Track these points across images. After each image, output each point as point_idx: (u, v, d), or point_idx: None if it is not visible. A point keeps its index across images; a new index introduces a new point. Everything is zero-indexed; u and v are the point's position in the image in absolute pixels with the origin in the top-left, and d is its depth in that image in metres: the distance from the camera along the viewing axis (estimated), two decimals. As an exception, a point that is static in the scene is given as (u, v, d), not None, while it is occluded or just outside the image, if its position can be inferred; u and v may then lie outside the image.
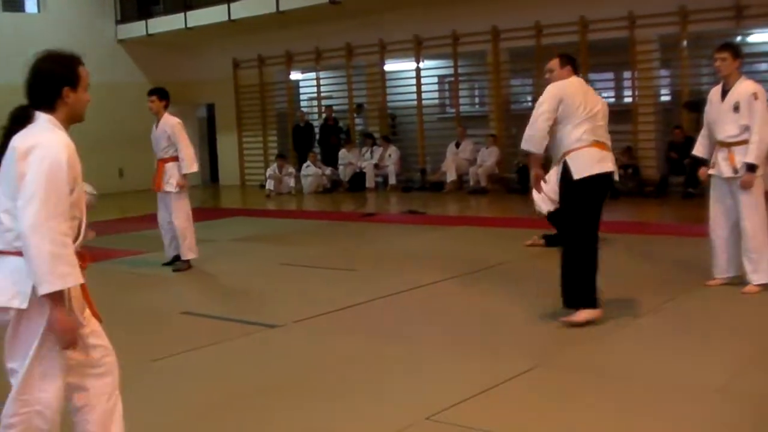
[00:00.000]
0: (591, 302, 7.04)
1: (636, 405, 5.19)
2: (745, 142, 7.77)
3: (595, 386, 5.60)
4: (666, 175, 16.52)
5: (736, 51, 8.00)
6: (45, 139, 3.65)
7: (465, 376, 5.88)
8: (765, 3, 14.14)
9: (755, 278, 7.88)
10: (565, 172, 7.05)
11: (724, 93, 7.93)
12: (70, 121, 3.87)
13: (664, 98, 18.52)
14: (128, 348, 7.18)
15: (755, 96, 7.74)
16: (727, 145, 7.86)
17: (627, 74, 18.20)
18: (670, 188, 16.43)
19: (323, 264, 10.72)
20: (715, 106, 8.02)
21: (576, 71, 7.49)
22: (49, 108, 3.78)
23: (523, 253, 10.89)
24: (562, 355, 6.36)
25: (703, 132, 8.28)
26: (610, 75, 19.98)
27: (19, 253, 3.59)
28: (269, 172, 21.36)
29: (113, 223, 15.29)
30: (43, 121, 3.74)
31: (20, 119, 3.76)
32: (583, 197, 7.05)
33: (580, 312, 6.99)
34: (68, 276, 3.57)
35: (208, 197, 22.08)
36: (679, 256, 9.94)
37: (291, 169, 21.31)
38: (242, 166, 24.55)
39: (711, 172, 8.09)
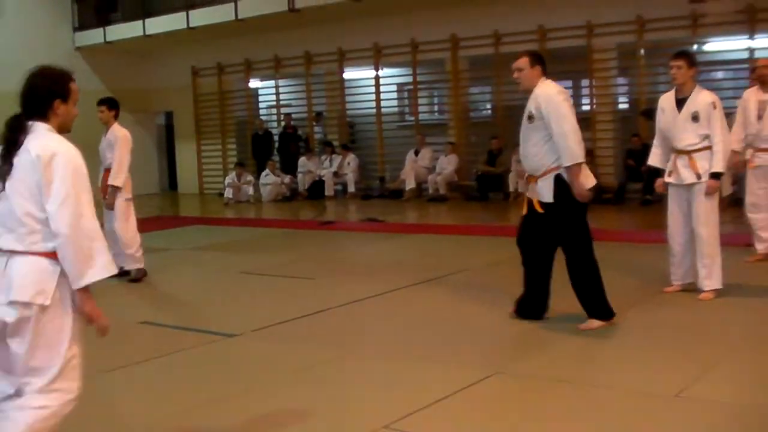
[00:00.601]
0: (607, 313, 7.13)
1: (594, 411, 5.20)
2: (705, 149, 7.79)
3: (554, 393, 5.60)
4: (624, 182, 16.65)
5: (691, 59, 7.99)
6: (63, 147, 3.95)
7: (424, 384, 5.85)
8: (720, 12, 14.29)
9: (708, 284, 7.90)
10: (563, 186, 6.92)
11: (679, 102, 7.91)
12: (59, 132, 4.08)
13: (622, 106, 18.69)
14: (86, 359, 7.16)
15: (714, 105, 7.75)
16: (687, 153, 7.86)
17: (585, 82, 18.32)
18: (628, 195, 16.55)
19: (282, 272, 10.68)
20: (669, 114, 7.99)
21: (545, 72, 7.27)
22: (43, 118, 4.04)
23: (482, 260, 10.90)
24: (521, 362, 6.37)
25: (656, 141, 8.27)
26: (568, 83, 20.04)
27: (42, 254, 3.92)
28: (228, 180, 21.28)
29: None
30: (44, 129, 4.00)
31: (17, 128, 4.00)
32: (583, 211, 7.07)
33: (591, 321, 7.07)
34: (110, 265, 4.07)
35: (167, 205, 21.97)
36: (637, 263, 10.00)
37: (250, 177, 21.24)
38: (201, 174, 24.45)
39: (668, 180, 8.07)
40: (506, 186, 17.98)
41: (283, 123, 22.29)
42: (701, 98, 7.82)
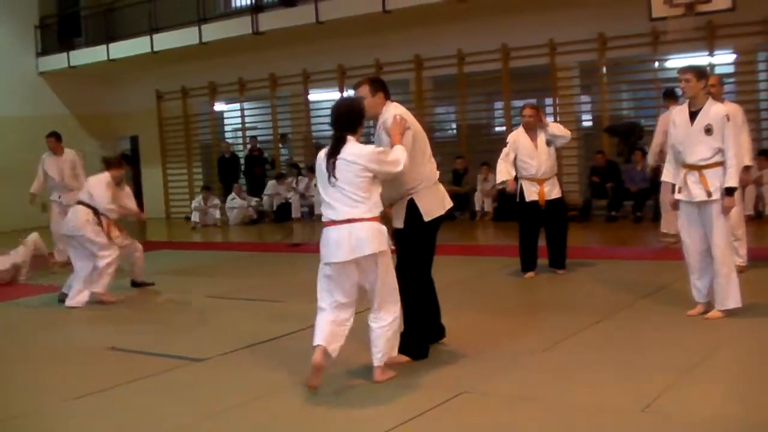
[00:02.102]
0: (416, 352, 6.90)
1: (562, 429, 5.23)
2: (716, 164, 7.64)
3: (522, 411, 5.63)
4: (589, 199, 16.74)
5: (699, 72, 7.80)
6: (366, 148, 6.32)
7: (391, 405, 5.87)
8: (680, 29, 14.43)
9: (725, 303, 7.73)
10: (411, 212, 6.74)
11: (692, 115, 7.75)
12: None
13: (586, 123, 18.82)
14: (53, 386, 7.13)
15: (727, 118, 7.61)
16: (698, 168, 7.69)
17: (549, 100, 18.44)
18: (594, 212, 16.65)
19: (250, 296, 10.67)
20: (682, 128, 7.81)
21: (388, 97, 6.90)
22: (353, 133, 6.28)
23: (448, 280, 10.91)
24: (489, 381, 6.37)
25: (669, 157, 8.11)
26: (532, 101, 20.16)
27: (375, 219, 6.15)
28: (194, 204, 21.24)
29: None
30: (353, 140, 6.25)
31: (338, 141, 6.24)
32: (420, 241, 6.83)
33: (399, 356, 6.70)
34: None
35: (133, 230, 21.85)
36: (605, 278, 10.09)
37: (216, 201, 21.21)
38: (167, 198, 24.37)
39: (679, 197, 7.89)
40: (472, 205, 18.05)
41: (249, 146, 22.28)
42: (714, 110, 7.67)
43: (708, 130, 7.62)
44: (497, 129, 19.61)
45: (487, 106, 20.60)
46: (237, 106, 23.22)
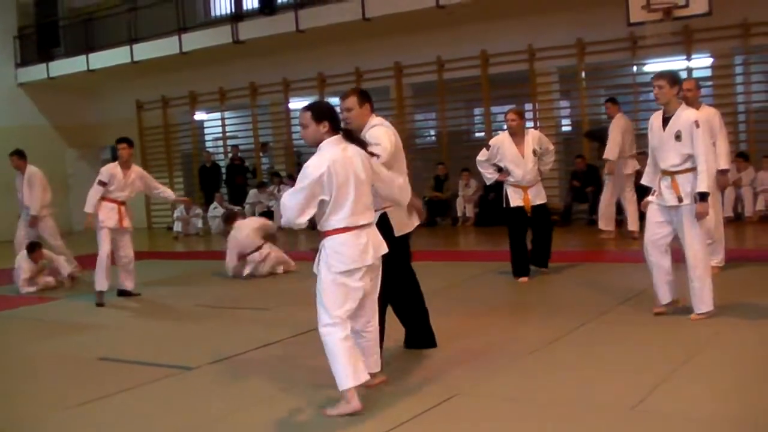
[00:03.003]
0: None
1: (556, 428, 5.31)
2: (687, 170, 7.70)
3: (513, 412, 5.70)
4: (569, 203, 16.86)
5: (672, 78, 7.84)
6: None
7: (383, 409, 5.91)
8: (658, 34, 14.56)
9: (699, 307, 7.79)
10: (382, 226, 6.49)
11: (665, 120, 7.82)
12: None
13: (566, 128, 18.93)
14: (45, 395, 7.16)
15: (696, 124, 7.61)
16: (670, 174, 7.78)
17: (528, 106, 18.55)
18: (575, 216, 16.77)
19: (236, 304, 10.71)
20: (656, 133, 7.91)
21: (373, 110, 6.93)
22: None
23: (433, 286, 10.98)
24: (480, 383, 6.43)
25: (649, 160, 8.17)
26: (511, 107, 20.27)
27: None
28: (176, 213, 21.24)
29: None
30: None
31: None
32: (395, 257, 6.63)
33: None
34: None
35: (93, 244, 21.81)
36: (589, 281, 10.18)
37: (198, 210, 21.22)
38: (148, 208, 24.34)
39: (652, 199, 7.99)
40: (454, 211, 18.15)
41: (230, 155, 22.30)
42: (684, 117, 7.72)
43: (677, 137, 7.71)
44: (477, 135, 19.72)
45: (467, 113, 20.72)
46: (218, 115, 23.25)
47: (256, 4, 19.75)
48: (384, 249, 5.93)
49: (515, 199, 10.70)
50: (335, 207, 5.64)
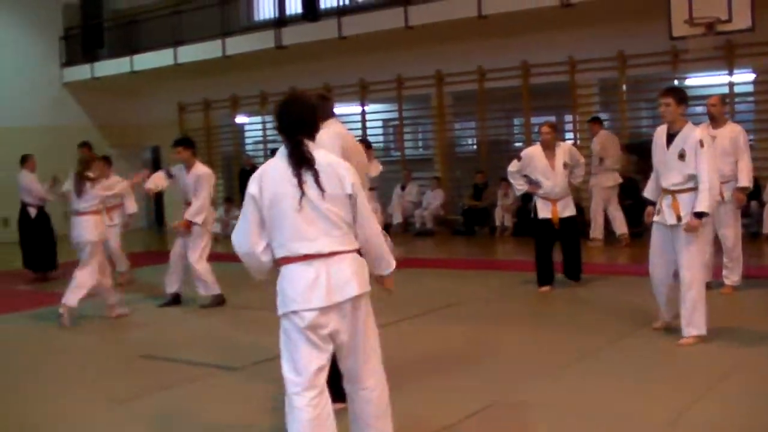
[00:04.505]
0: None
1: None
2: (689, 190, 7.61)
3: (551, 422, 5.75)
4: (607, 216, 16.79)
5: (679, 96, 7.79)
6: (341, 159, 4.75)
7: (421, 418, 5.99)
8: (700, 48, 14.51)
9: (688, 330, 7.71)
10: None
11: (669, 137, 7.75)
12: None
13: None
14: (91, 391, 7.27)
15: (701, 144, 7.52)
16: (672, 193, 7.71)
17: (568, 117, 18.54)
18: (611, 228, 16.69)
19: (275, 306, 10.78)
20: (660, 149, 7.85)
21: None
22: (311, 136, 4.65)
23: (470, 294, 11.05)
24: (518, 392, 6.50)
25: (653, 175, 8.11)
26: (551, 118, 20.28)
27: (357, 251, 4.59)
28: (216, 215, 21.35)
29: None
30: (313, 144, 4.62)
31: (300, 144, 4.56)
32: None
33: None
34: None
35: (154, 240, 22.02)
36: (623, 295, 10.19)
37: (238, 213, 21.29)
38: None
39: (655, 219, 7.92)
40: (492, 220, 18.15)
41: (269, 159, 22.34)
42: (689, 136, 7.62)
43: (681, 156, 7.63)
44: (516, 145, 19.71)
45: (506, 122, 20.72)
46: (259, 119, 23.36)
47: (299, 10, 19.86)
48: (351, 290, 4.50)
49: (543, 210, 10.82)
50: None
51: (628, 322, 8.72)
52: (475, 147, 20.80)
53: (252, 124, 24.17)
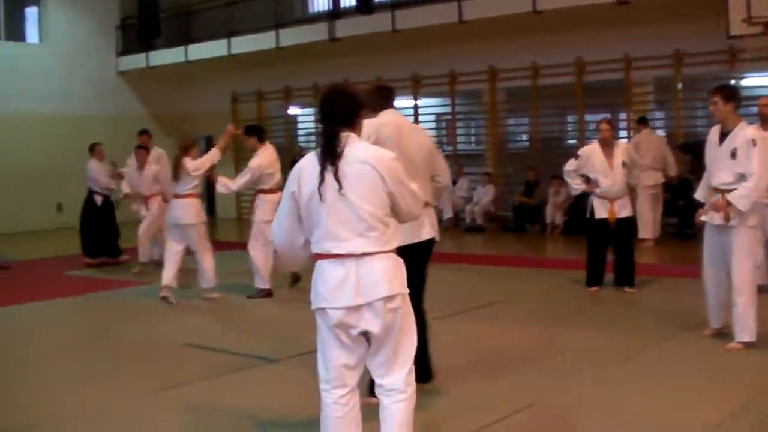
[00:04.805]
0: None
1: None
2: None
3: (589, 424, 5.70)
4: (661, 215, 16.60)
5: (726, 94, 7.63)
6: (382, 152, 4.51)
7: (460, 416, 5.97)
8: (758, 47, 14.32)
9: (738, 336, 7.59)
10: None
11: (722, 136, 7.60)
12: None
13: (660, 140, 18.67)
14: (132, 378, 7.33)
15: (753, 143, 7.37)
16: (721, 192, 7.54)
17: (622, 115, 18.35)
18: (665, 229, 16.52)
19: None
20: (712, 148, 7.70)
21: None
22: (351, 128, 4.46)
23: (518, 291, 11.00)
24: (558, 393, 6.45)
25: (705, 175, 7.95)
26: (606, 115, 20.07)
27: (392, 251, 4.43)
28: (266, 205, 21.40)
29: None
30: (355, 138, 4.46)
31: (334, 137, 4.39)
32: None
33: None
34: None
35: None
36: (673, 297, 10.11)
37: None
38: (239, 198, 24.58)
39: (704, 218, 7.76)
40: (543, 217, 18.03)
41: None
42: (741, 134, 7.47)
43: (733, 154, 7.48)
44: (570, 142, 19.57)
45: (560, 119, 20.58)
46: (311, 110, 23.39)
47: (353, 2, 19.84)
48: (381, 291, 4.37)
49: (600, 210, 10.62)
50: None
51: (676, 325, 8.61)
52: (527, 143, 20.66)
53: (304, 116, 24.23)
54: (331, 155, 4.35)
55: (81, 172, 14.85)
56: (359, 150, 4.40)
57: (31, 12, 23.67)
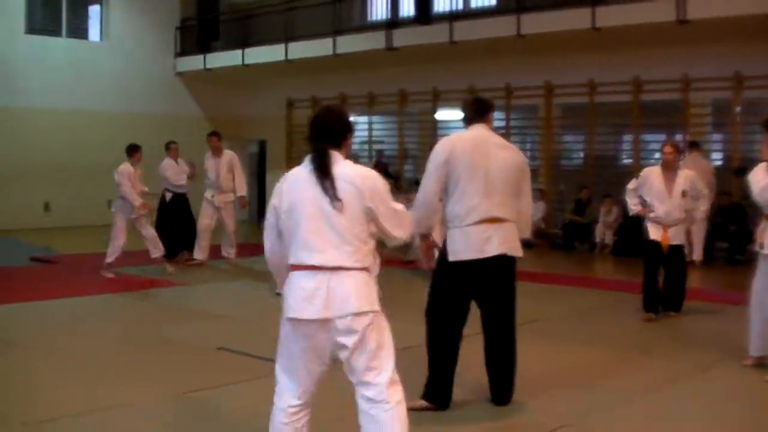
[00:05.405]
0: (436, 399, 6.47)
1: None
2: None
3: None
4: (711, 240, 16.36)
5: None
6: (366, 171, 4.58)
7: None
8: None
9: None
10: (444, 249, 6.46)
11: None
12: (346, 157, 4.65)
13: (716, 163, 18.41)
14: (161, 379, 7.32)
15: None
16: (766, 218, 7.43)
17: (679, 136, 18.10)
18: (716, 253, 16.27)
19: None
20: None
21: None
22: (339, 148, 4.58)
23: (562, 310, 10.85)
24: (591, 416, 6.33)
25: None
26: (661, 136, 19.88)
27: (365, 269, 4.50)
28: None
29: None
30: (340, 156, 4.55)
31: (324, 154, 4.51)
32: (453, 285, 6.45)
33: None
34: None
35: (253, 233, 22.18)
36: (721, 324, 9.88)
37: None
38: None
39: (757, 247, 7.60)
40: (593, 236, 17.84)
41: (374, 159, 22.41)
42: None
43: None
44: (624, 162, 19.37)
45: (615, 138, 20.34)
46: (365, 119, 23.38)
47: (412, 12, 19.80)
48: (350, 307, 4.45)
49: (654, 233, 10.18)
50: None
51: (716, 353, 8.43)
52: (581, 161, 20.46)
53: (359, 124, 24.20)
54: (322, 170, 4.46)
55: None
56: (343, 167, 4.50)
57: (94, 10, 23.93)
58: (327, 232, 4.43)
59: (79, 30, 23.67)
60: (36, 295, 11.54)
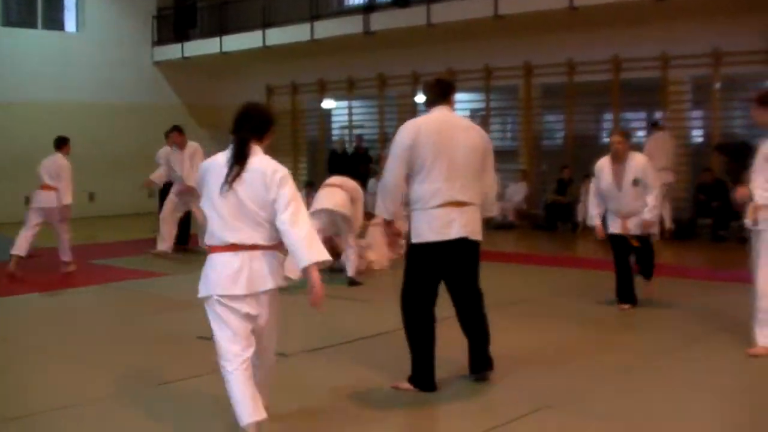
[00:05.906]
0: (421, 383, 6.47)
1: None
2: None
3: (596, 429, 5.57)
4: (694, 217, 16.38)
5: (763, 99, 7.47)
6: (275, 165, 5.15)
7: (469, 416, 5.88)
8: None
9: (761, 340, 7.35)
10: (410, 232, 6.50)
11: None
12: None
13: (696, 140, 18.43)
14: (141, 369, 7.26)
15: None
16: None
17: (659, 114, 18.10)
18: (699, 230, 16.29)
19: (343, 294, 10.69)
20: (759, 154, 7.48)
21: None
22: (259, 141, 5.26)
23: (545, 291, 10.83)
24: (573, 397, 6.30)
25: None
26: (641, 114, 19.89)
27: (274, 247, 5.12)
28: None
29: (144, 243, 15.42)
30: (258, 149, 5.20)
31: (245, 145, 5.16)
32: (420, 266, 6.51)
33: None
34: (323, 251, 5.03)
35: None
36: (702, 302, 9.86)
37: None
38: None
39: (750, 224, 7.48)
40: (575, 216, 17.82)
41: (354, 143, 22.36)
42: None
43: (766, 159, 7.32)
44: (605, 140, 19.34)
45: (595, 117, 20.34)
46: (345, 103, 23.33)
47: (389, -4, 19.75)
48: (268, 283, 5.12)
49: (614, 225, 9.64)
50: None
51: (699, 328, 8.47)
52: (561, 141, 20.44)
53: (338, 109, 24.15)
54: (239, 159, 5.08)
55: (114, 160, 14.87)
56: (258, 160, 5.11)
57: (70, 1, 23.74)
58: (243, 216, 5.06)
59: (55, 21, 23.50)
60: (18, 290, 11.48)
